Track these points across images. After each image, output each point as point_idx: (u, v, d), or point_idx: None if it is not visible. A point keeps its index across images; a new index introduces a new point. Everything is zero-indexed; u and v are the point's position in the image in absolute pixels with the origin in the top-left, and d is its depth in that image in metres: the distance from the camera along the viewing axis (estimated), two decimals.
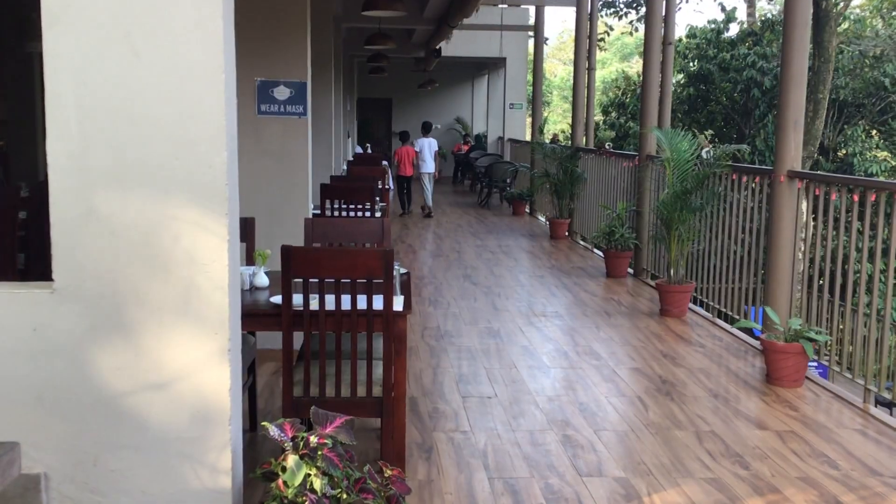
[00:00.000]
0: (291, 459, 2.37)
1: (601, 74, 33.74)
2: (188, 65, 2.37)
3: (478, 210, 15.63)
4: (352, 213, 6.75)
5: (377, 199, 6.94)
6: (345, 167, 12.39)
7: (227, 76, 2.41)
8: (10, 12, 8.63)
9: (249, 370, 4.19)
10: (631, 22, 23.22)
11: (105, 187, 2.38)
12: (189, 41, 2.36)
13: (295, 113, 5.52)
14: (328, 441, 2.45)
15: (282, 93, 5.48)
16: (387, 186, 10.31)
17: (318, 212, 6.77)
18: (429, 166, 14.74)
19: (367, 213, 6.71)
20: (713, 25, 21.07)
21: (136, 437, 2.44)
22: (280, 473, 2.42)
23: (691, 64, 21.20)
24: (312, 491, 2.40)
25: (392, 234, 11.72)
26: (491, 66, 22.65)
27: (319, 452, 2.42)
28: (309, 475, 2.41)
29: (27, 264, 5.56)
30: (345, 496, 2.46)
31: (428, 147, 14.87)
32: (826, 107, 16.90)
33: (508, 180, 16.07)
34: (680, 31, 22.05)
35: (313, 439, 2.44)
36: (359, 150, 18.72)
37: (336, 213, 6.72)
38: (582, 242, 11.33)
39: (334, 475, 2.40)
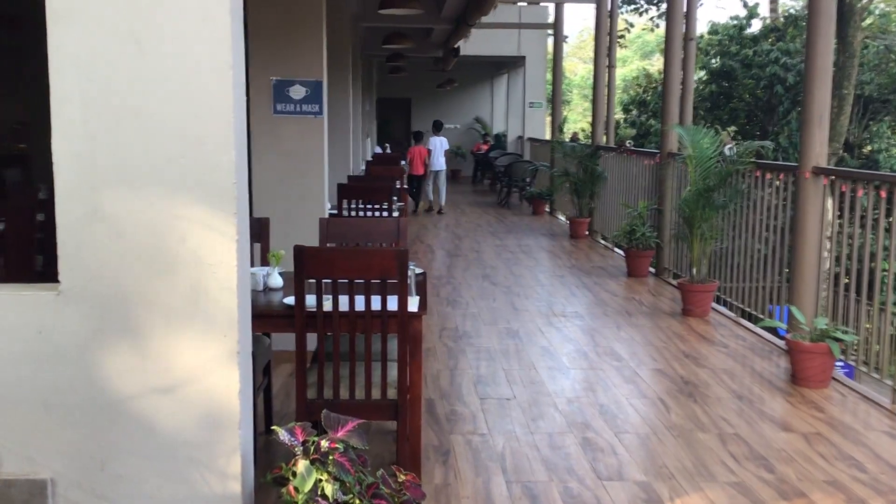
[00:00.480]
0: (301, 465, 2.31)
1: (622, 72, 33.51)
2: (195, 61, 2.31)
3: (497, 209, 15.55)
4: (369, 213, 6.70)
5: (394, 198, 6.88)
6: (363, 167, 12.36)
7: (235, 73, 2.35)
8: (29, 12, 8.66)
9: (265, 372, 4.14)
10: (651, 18, 23.07)
11: (111, 187, 2.33)
12: (196, 37, 2.30)
13: (311, 112, 5.47)
14: (339, 446, 2.39)
15: (297, 92, 5.43)
16: (405, 186, 10.25)
17: (336, 212, 6.72)
18: (441, 164, 14.96)
19: (385, 213, 6.66)
20: (735, 21, 20.87)
21: (143, 442, 2.39)
22: (291, 479, 2.36)
23: (713, 61, 21.01)
24: (324, 497, 2.34)
25: (410, 233, 11.67)
26: (510, 65, 22.55)
27: (330, 457, 2.36)
28: (320, 480, 2.35)
29: (45, 266, 5.56)
30: (357, 502, 2.40)
31: (440, 145, 15.10)
32: (851, 103, 16.68)
33: (528, 179, 15.98)
34: (702, 28, 21.83)
35: (324, 444, 2.38)
36: (378, 150, 18.69)
37: (353, 213, 6.68)
38: (602, 242, 11.22)
39: (346, 481, 2.34)
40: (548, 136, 17.73)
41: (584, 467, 3.85)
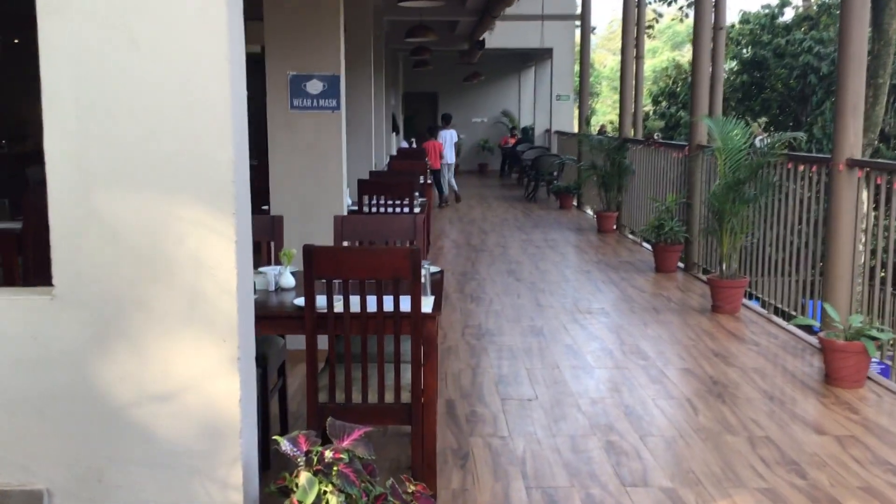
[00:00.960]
0: (303, 477, 2.21)
1: (652, 63, 33.13)
2: (191, 55, 2.22)
3: (524, 204, 15.39)
4: (391, 209, 6.60)
5: (416, 193, 6.77)
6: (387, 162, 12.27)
7: (233, 66, 2.25)
8: None
9: (279, 373, 4.06)
10: (681, 8, 22.73)
11: (105, 187, 2.24)
12: (191, 29, 2.20)
13: (328, 107, 5.38)
14: (344, 456, 2.29)
15: (314, 87, 5.34)
16: (429, 181, 10.15)
17: (356, 208, 6.64)
18: (449, 157, 15.17)
19: (406, 209, 6.56)
20: (767, 10, 20.49)
21: (142, 451, 2.30)
22: (294, 490, 2.26)
23: (745, 50, 20.66)
24: None
25: (435, 228, 11.56)
26: (537, 57, 22.33)
27: (335, 468, 2.26)
28: (326, 492, 2.25)
29: None
30: None
31: (450, 138, 15.33)
32: (887, 92, 16.26)
33: (555, 173, 15.80)
34: (732, 17, 21.47)
35: (328, 454, 2.28)
36: (404, 144, 18.59)
37: (374, 209, 6.59)
38: (630, 236, 11.04)
39: (350, 493, 2.24)
40: (576, 129, 17.52)
41: (607, 472, 3.71)
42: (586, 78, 15.15)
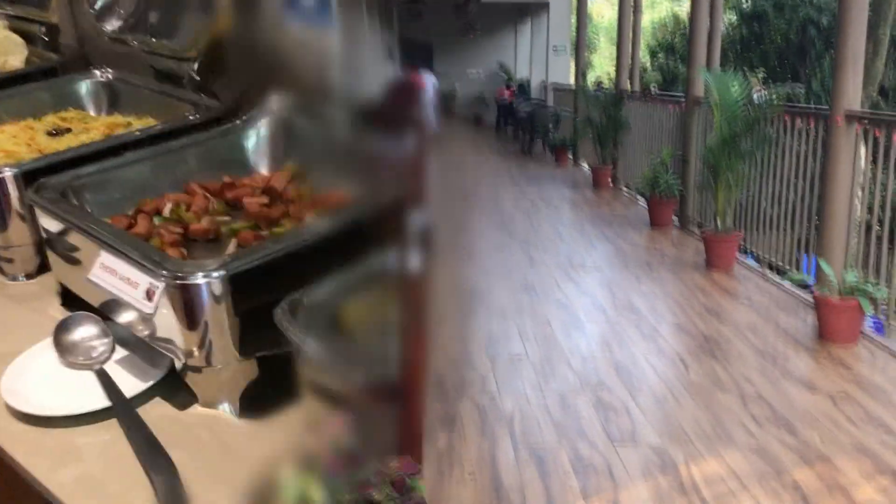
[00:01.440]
0: None
1: (651, 16, 32.64)
2: None
3: (519, 158, 15.24)
4: None
5: None
6: None
7: None
8: None
9: None
10: None
11: None
12: None
13: None
14: None
15: None
16: None
17: None
18: None
19: None
20: None
21: None
22: None
23: (744, 3, 20.37)
24: None
25: None
26: (534, 10, 21.98)
27: None
28: None
29: None
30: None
31: None
32: (887, 46, 16.06)
33: (551, 127, 15.62)
34: None
35: None
36: None
37: None
38: (626, 191, 10.93)
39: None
40: (572, 83, 17.30)
41: (595, 430, 3.67)
42: (583, 30, 14.91)
